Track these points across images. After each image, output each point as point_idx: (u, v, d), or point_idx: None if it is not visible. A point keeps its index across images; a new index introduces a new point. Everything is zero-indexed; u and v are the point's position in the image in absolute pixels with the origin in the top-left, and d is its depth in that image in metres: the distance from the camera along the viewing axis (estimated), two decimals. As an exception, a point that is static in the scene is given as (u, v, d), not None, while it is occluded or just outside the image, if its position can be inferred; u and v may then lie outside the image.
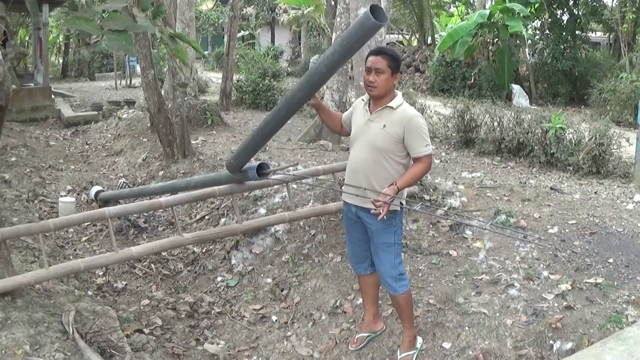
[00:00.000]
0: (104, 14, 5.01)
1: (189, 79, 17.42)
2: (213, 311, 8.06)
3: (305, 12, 35.57)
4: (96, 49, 35.02)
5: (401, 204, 6.00)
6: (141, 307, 8.04)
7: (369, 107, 6.08)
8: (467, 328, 6.44)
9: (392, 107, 5.88)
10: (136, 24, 5.07)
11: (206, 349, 7.09)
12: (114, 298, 8.35)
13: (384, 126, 5.86)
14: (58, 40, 39.25)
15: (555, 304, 6.42)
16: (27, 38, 31.34)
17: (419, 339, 6.41)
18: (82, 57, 38.12)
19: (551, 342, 5.99)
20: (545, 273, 7.05)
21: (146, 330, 7.15)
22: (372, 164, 5.92)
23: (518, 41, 23.46)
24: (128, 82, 31.37)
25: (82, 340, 5.92)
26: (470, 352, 6.18)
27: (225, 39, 24.16)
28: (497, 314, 6.47)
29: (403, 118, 5.79)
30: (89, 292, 8.11)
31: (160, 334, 7.32)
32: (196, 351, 7.09)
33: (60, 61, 40.54)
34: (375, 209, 5.62)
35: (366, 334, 6.81)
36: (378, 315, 6.89)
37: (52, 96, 22.83)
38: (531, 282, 6.87)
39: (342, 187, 6.40)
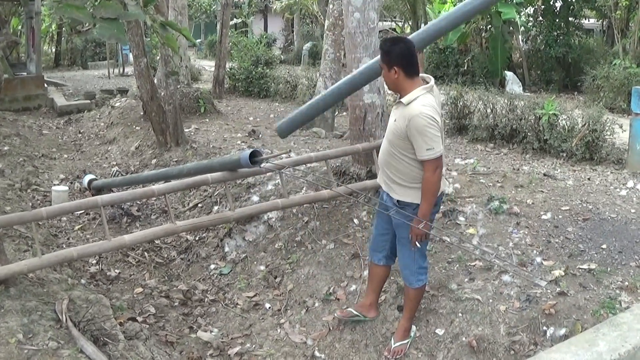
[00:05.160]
0: (95, 2, 4.99)
1: (181, 67, 17.39)
2: (206, 299, 8.08)
3: (297, -1, 35.56)
4: (88, 37, 34.91)
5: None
6: (134, 296, 8.05)
7: (395, 103, 6.09)
8: (460, 314, 6.45)
9: (402, 103, 5.81)
10: (127, 11, 5.06)
11: (199, 337, 7.12)
12: (107, 286, 8.35)
13: (395, 120, 5.87)
14: (51, 29, 39.00)
15: (549, 290, 6.42)
16: (19, 27, 31.22)
17: (413, 328, 6.43)
18: (74, 45, 37.95)
19: (544, 328, 6.00)
20: (539, 259, 7.05)
21: (139, 319, 7.17)
22: (388, 157, 6.02)
23: (511, 28, 23.36)
24: (121, 70, 31.26)
25: (75, 328, 5.93)
26: (464, 338, 6.20)
27: (218, 27, 24.03)
28: (491, 300, 6.48)
29: (407, 115, 5.69)
30: (82, 281, 8.12)
31: (153, 322, 7.34)
32: (189, 339, 7.11)
33: (53, 50, 40.33)
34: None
35: (356, 312, 6.86)
36: (375, 304, 6.91)
37: (45, 85, 22.78)
38: (524, 268, 6.87)
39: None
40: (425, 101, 5.73)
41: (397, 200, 5.97)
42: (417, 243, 5.90)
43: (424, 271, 6.23)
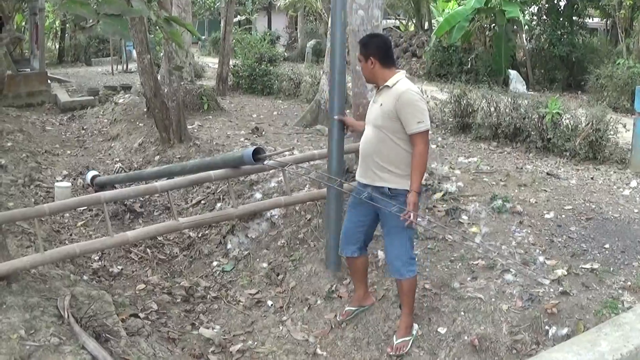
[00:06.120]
0: (99, -2, 4.97)
1: (185, 63, 17.41)
2: (209, 296, 8.06)
3: (301, -4, 35.55)
4: (92, 33, 34.92)
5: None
6: (137, 292, 8.04)
7: (376, 92, 6.29)
8: (462, 313, 6.44)
9: (388, 86, 6.04)
10: (131, 8, 5.04)
11: (201, 334, 7.09)
12: (109, 283, 8.35)
13: (381, 105, 6.02)
14: (54, 26, 39.09)
15: (551, 290, 6.42)
16: (23, 23, 31.23)
17: (415, 326, 6.41)
18: (78, 42, 38.02)
19: (547, 327, 5.99)
20: (542, 258, 7.05)
21: (141, 315, 7.15)
22: (377, 143, 6.08)
23: (515, 26, 23.42)
24: (124, 67, 31.26)
25: (77, 324, 5.92)
26: (466, 337, 6.18)
27: (222, 24, 24.05)
28: (493, 299, 6.47)
29: (395, 94, 5.92)
30: (85, 277, 8.11)
31: (155, 318, 7.33)
32: (191, 335, 7.09)
33: (57, 46, 40.42)
34: (403, 217, 5.85)
35: (354, 308, 6.94)
36: (368, 291, 7.02)
37: (49, 81, 22.76)
38: (527, 268, 6.86)
39: (357, 168, 6.54)
40: (408, 82, 6.07)
41: (389, 189, 6.02)
42: (410, 223, 5.90)
43: (414, 262, 6.28)
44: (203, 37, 45.45)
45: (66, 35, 39.31)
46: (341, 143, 7.35)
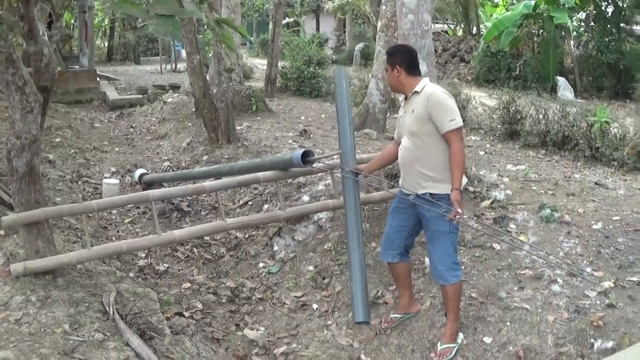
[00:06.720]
0: (150, -1, 5.01)
1: (235, 65, 17.47)
2: (254, 297, 8.08)
3: (350, -1, 35.56)
4: (142, 33, 35.20)
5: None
6: (182, 291, 8.09)
7: (404, 103, 6.42)
8: (508, 323, 6.39)
9: (417, 92, 6.19)
10: (183, 9, 5.07)
11: (246, 335, 7.11)
12: (155, 280, 8.41)
13: (413, 111, 6.14)
14: (103, 24, 39.53)
15: (598, 302, 6.35)
16: (72, 21, 31.56)
17: (460, 335, 6.38)
18: (127, 40, 38.42)
19: (592, 340, 5.91)
20: (589, 269, 6.98)
21: (186, 314, 7.20)
22: (416, 150, 6.15)
23: (563, 33, 23.24)
24: (173, 66, 31.49)
25: (122, 321, 5.98)
26: (511, 348, 6.13)
27: (270, 26, 24.13)
28: (539, 310, 6.41)
29: (425, 97, 6.05)
30: (131, 274, 8.18)
31: (200, 318, 7.37)
32: (236, 336, 7.11)
33: (106, 44, 40.92)
34: (450, 216, 5.88)
35: (400, 315, 6.91)
36: (413, 298, 6.98)
37: (97, 79, 23.05)
38: (574, 279, 6.80)
39: (400, 177, 6.59)
40: (435, 85, 6.30)
41: (431, 194, 6.06)
42: (457, 222, 5.92)
43: (458, 267, 6.25)
44: (251, 39, 45.58)
45: (115, 33, 39.71)
46: (357, 193, 7.37)
